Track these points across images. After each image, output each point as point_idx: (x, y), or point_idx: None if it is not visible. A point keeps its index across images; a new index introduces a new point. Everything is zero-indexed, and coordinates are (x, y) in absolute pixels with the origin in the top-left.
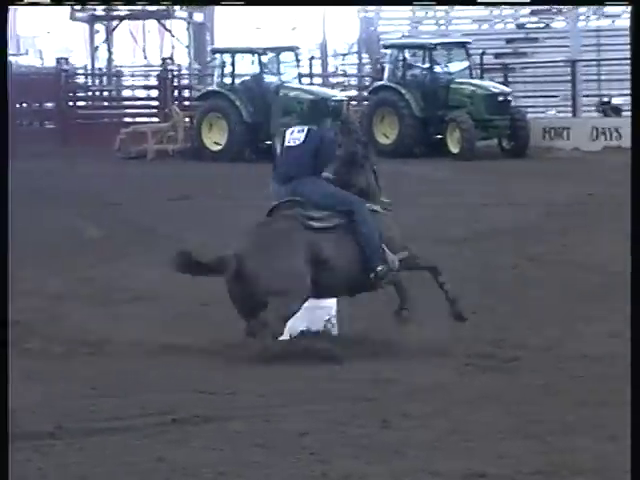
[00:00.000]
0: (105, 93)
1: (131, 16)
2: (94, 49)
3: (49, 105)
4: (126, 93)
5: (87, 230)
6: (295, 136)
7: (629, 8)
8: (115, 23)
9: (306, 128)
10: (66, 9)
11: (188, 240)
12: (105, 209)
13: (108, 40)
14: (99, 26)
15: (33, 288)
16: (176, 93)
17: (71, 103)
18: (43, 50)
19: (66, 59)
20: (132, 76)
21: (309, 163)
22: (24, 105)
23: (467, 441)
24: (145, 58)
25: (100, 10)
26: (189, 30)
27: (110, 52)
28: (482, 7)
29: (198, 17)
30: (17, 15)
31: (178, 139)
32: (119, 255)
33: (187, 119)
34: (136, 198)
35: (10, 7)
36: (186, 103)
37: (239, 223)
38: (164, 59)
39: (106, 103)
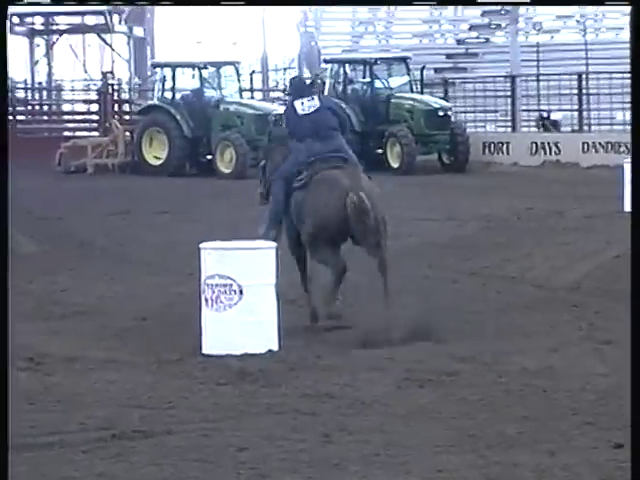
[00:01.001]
0: (45, 107)
1: (71, 30)
2: (34, 63)
3: None
4: (66, 107)
5: (25, 244)
6: (308, 104)
7: (568, 23)
8: (55, 37)
9: (315, 97)
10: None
11: (129, 254)
12: (45, 223)
13: (48, 54)
14: (39, 40)
15: None
16: (116, 107)
17: (11, 117)
18: None
19: None
20: (72, 90)
21: (334, 122)
22: None
23: (406, 455)
24: (85, 72)
25: (39, 24)
26: (129, 44)
27: (50, 66)
28: (422, 23)
29: (138, 31)
30: None
31: (118, 153)
32: (58, 269)
33: (127, 133)
34: (76, 212)
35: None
36: (126, 117)
37: (179, 238)
38: (104, 73)
39: (46, 117)
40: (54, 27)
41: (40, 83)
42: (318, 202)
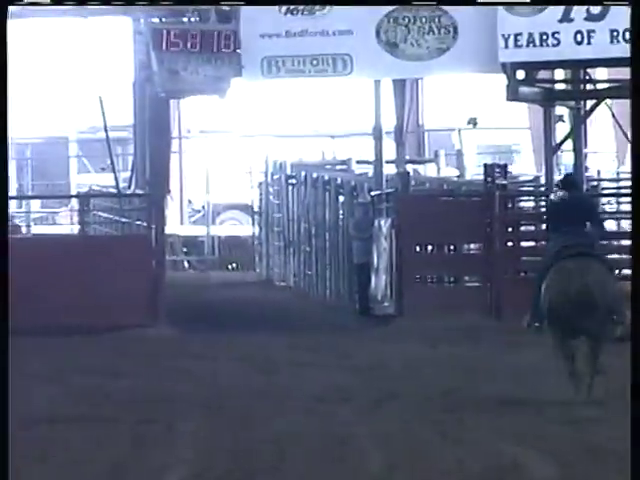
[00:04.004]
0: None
1: (618, 91)
2: (555, 150)
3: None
4: None
5: None
6: (560, 195)
7: None
8: (590, 103)
9: (564, 192)
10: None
11: None
12: None
13: (581, 138)
14: (561, 109)
15: None
16: None
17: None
18: (468, 141)
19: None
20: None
21: (581, 213)
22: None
23: None
24: None
25: (547, 75)
26: None
27: (579, 166)
28: None
29: None
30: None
31: None
32: None
33: None
34: None
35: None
36: None
37: None
38: None
39: None
40: (586, 87)
41: (598, 175)
42: (548, 289)
